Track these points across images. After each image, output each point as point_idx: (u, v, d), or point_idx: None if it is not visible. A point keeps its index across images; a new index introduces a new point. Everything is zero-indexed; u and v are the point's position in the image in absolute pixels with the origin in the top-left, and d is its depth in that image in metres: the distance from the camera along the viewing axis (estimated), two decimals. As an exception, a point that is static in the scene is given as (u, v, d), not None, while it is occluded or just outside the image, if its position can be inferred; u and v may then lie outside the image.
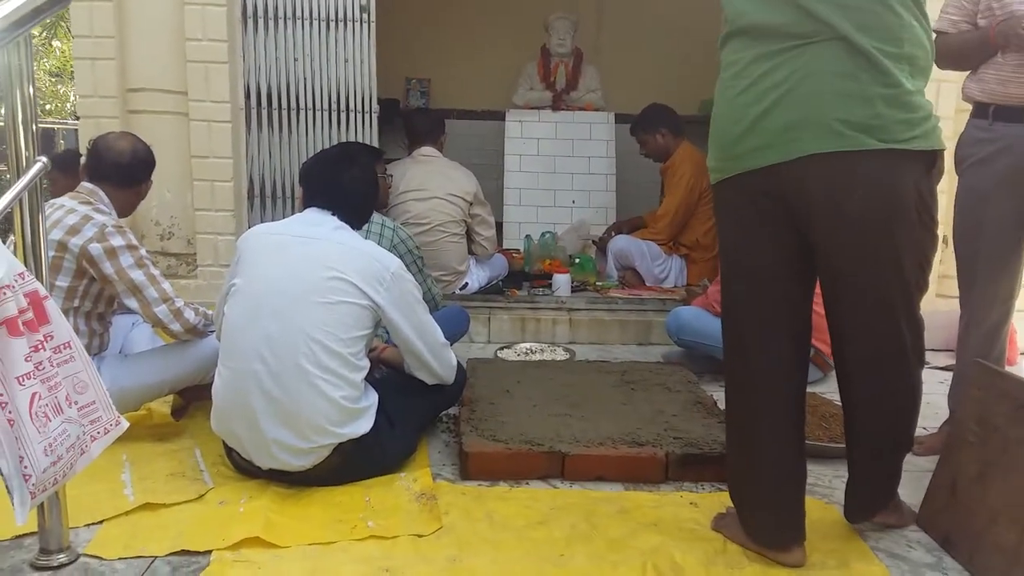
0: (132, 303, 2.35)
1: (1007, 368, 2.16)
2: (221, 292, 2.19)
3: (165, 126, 3.35)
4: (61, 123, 7.51)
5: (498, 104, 5.76)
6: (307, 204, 2.23)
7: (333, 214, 2.17)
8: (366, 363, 2.09)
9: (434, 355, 2.20)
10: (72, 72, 7.53)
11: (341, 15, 3.39)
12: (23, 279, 1.39)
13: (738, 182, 1.59)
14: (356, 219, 2.25)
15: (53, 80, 7.09)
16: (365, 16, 3.39)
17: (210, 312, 2.51)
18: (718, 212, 1.69)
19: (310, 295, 1.99)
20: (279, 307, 1.99)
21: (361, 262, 2.07)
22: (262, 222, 3.57)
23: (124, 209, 2.51)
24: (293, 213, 3.50)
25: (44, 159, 1.48)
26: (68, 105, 7.75)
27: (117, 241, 2.31)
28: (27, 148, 1.47)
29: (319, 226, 2.14)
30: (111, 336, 2.54)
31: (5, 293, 1.32)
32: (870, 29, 1.45)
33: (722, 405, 1.89)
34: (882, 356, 1.58)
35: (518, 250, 4.71)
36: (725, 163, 1.60)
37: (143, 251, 2.38)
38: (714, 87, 1.67)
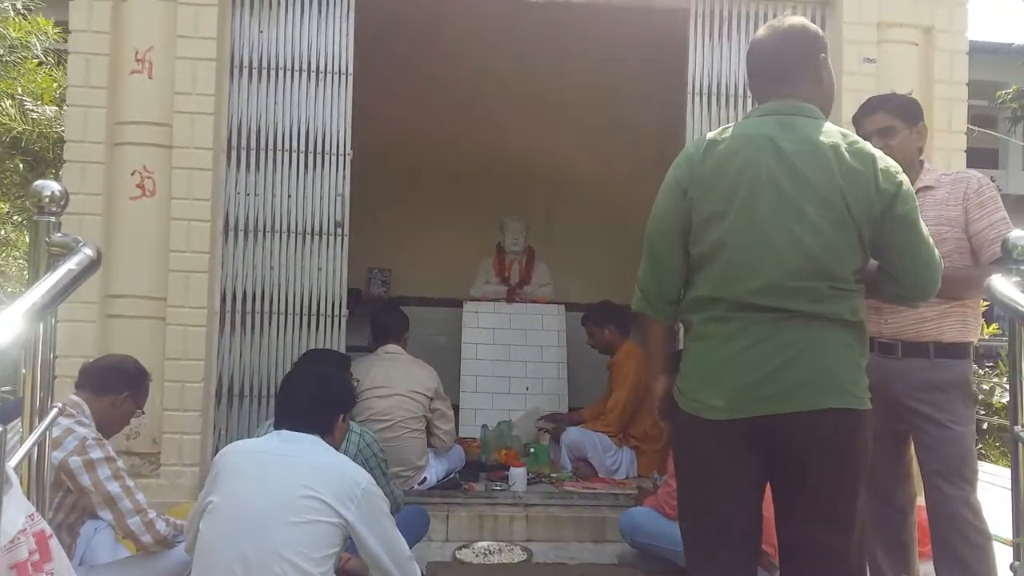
0: (106, 515, 2.41)
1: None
2: (196, 507, 2.26)
3: (142, 330, 3.51)
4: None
5: (455, 293, 6.08)
6: (279, 425, 2.37)
7: (307, 432, 2.32)
8: (335, 580, 2.17)
9: (400, 569, 2.28)
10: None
11: (317, 229, 3.69)
12: (33, 520, 1.50)
13: (732, 425, 1.82)
14: (329, 430, 2.40)
15: (22, 264, 7.29)
16: (339, 230, 3.70)
17: (180, 522, 2.57)
18: (687, 442, 1.93)
19: (284, 515, 2.09)
20: (254, 527, 2.08)
21: (333, 479, 2.19)
22: (228, 421, 3.72)
23: (104, 424, 2.61)
24: (260, 413, 3.71)
25: (59, 405, 1.63)
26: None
27: (96, 453, 2.41)
28: (44, 392, 1.62)
29: (296, 443, 2.27)
30: (73, 543, 2.57)
31: (19, 538, 1.42)
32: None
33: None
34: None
35: (475, 439, 4.84)
36: (736, 404, 1.82)
37: (120, 463, 2.48)
38: None
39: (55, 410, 1.62)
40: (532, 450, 4.62)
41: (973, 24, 3.75)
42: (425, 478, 4.00)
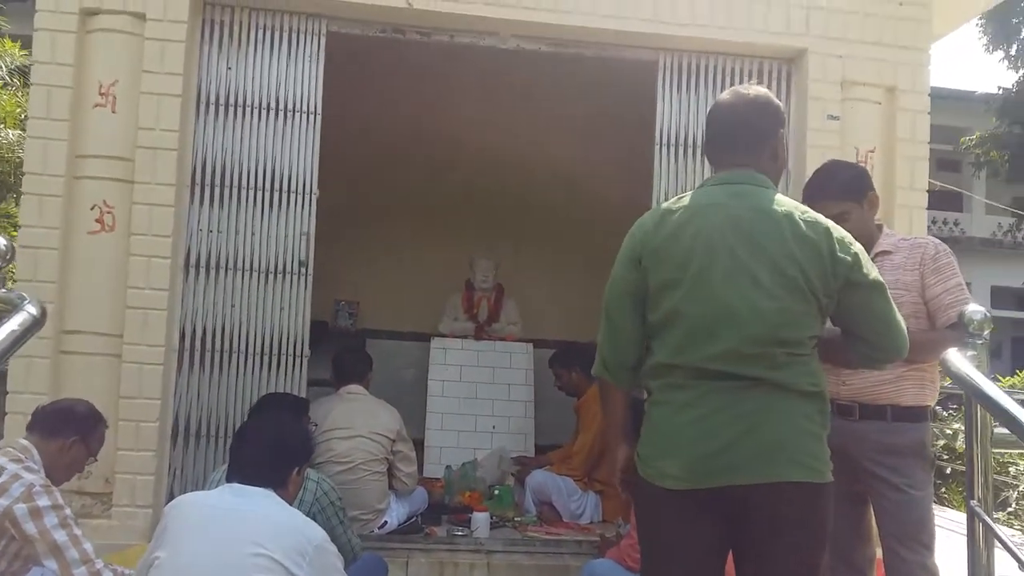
0: (51, 564, 2.33)
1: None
2: (143, 561, 2.19)
3: (97, 367, 3.42)
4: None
5: (423, 327, 6.05)
6: (231, 478, 2.31)
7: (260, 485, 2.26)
8: (284, 642, 2.10)
9: (352, 629, 2.23)
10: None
11: (280, 268, 3.64)
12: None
13: (690, 495, 1.80)
14: (283, 484, 2.34)
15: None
16: (303, 270, 3.65)
17: (128, 572, 2.49)
18: (646, 510, 1.91)
19: (232, 573, 2.03)
20: (201, 586, 2.02)
21: (284, 536, 2.12)
22: (184, 461, 3.63)
23: (53, 470, 2.52)
24: (217, 454, 3.62)
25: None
26: None
27: (43, 501, 2.33)
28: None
29: (247, 496, 2.21)
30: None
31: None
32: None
33: None
34: None
35: (438, 478, 4.78)
36: (691, 475, 1.80)
37: (68, 511, 2.40)
38: None
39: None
40: (496, 492, 4.57)
41: (937, 70, 3.84)
42: (386, 522, 3.93)
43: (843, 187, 2.50)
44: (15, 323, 1.48)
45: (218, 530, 2.12)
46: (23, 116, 5.51)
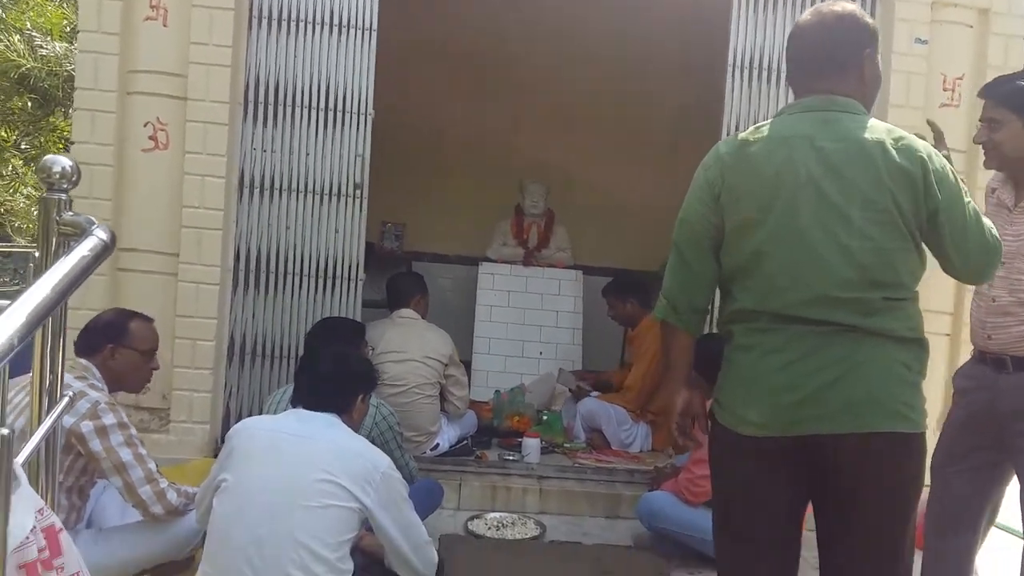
0: (116, 481, 2.35)
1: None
2: (208, 482, 2.21)
3: (153, 285, 3.42)
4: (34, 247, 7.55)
5: (470, 250, 5.98)
6: (296, 402, 2.30)
7: (325, 411, 2.25)
8: (350, 565, 2.11)
9: (417, 554, 2.24)
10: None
11: (336, 190, 3.57)
12: (42, 515, 1.43)
13: (771, 442, 1.72)
14: (348, 410, 2.33)
15: (28, 202, 7.19)
16: (359, 192, 3.57)
17: (191, 491, 2.52)
18: (723, 457, 1.83)
19: (300, 499, 2.03)
20: (269, 510, 2.02)
21: (352, 463, 2.12)
22: (239, 381, 3.66)
23: (113, 381, 2.52)
24: (272, 374, 3.65)
25: (70, 394, 1.55)
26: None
27: (109, 419, 2.33)
28: (53, 376, 1.53)
29: (312, 423, 2.20)
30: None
31: (28, 539, 1.36)
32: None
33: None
34: None
35: (486, 402, 4.79)
36: (774, 423, 1.71)
37: (132, 429, 2.40)
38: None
39: (66, 399, 1.53)
40: (545, 417, 4.57)
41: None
42: (437, 444, 3.96)
43: (1008, 94, 2.22)
44: (85, 248, 1.42)
45: (285, 455, 2.11)
46: (69, 28, 5.41)
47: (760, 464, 1.75)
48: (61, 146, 6.53)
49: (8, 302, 1.26)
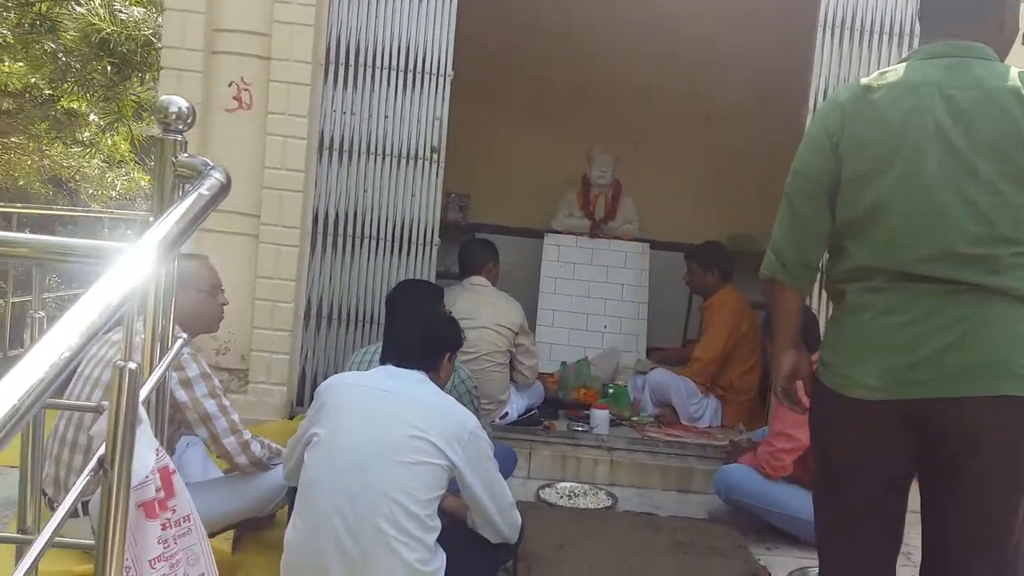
0: (201, 432, 2.38)
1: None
2: (297, 436, 2.22)
3: (235, 245, 3.46)
4: (107, 212, 7.81)
5: (533, 222, 5.93)
6: (385, 359, 2.30)
7: (414, 368, 2.24)
8: (438, 523, 2.11)
9: (502, 515, 2.23)
10: (119, 160, 7.84)
11: (413, 154, 3.56)
12: (158, 456, 1.44)
13: (883, 406, 1.65)
14: (435, 368, 2.32)
15: (103, 166, 7.38)
16: (436, 156, 3.55)
17: (275, 445, 2.54)
18: (828, 421, 1.77)
19: (392, 454, 2.04)
20: (361, 464, 2.03)
21: (441, 421, 2.12)
22: (315, 343, 3.69)
23: (188, 322, 2.50)
24: (347, 337, 3.67)
25: (184, 335, 1.56)
26: (113, 192, 8.07)
27: (192, 370, 2.35)
28: (166, 320, 1.54)
29: (401, 380, 2.20)
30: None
31: (148, 477, 1.37)
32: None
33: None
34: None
35: (551, 374, 4.76)
36: (888, 386, 1.65)
37: (215, 380, 2.42)
38: (739, 222, 1.78)
39: (180, 340, 1.54)
40: (611, 391, 4.53)
41: None
42: (506, 413, 3.95)
43: None
44: (203, 188, 1.42)
45: (377, 410, 2.12)
46: (145, -6, 5.50)
47: (868, 429, 1.69)
48: (132, 113, 6.65)
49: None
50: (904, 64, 1.73)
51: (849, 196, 1.70)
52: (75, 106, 6.82)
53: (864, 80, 1.75)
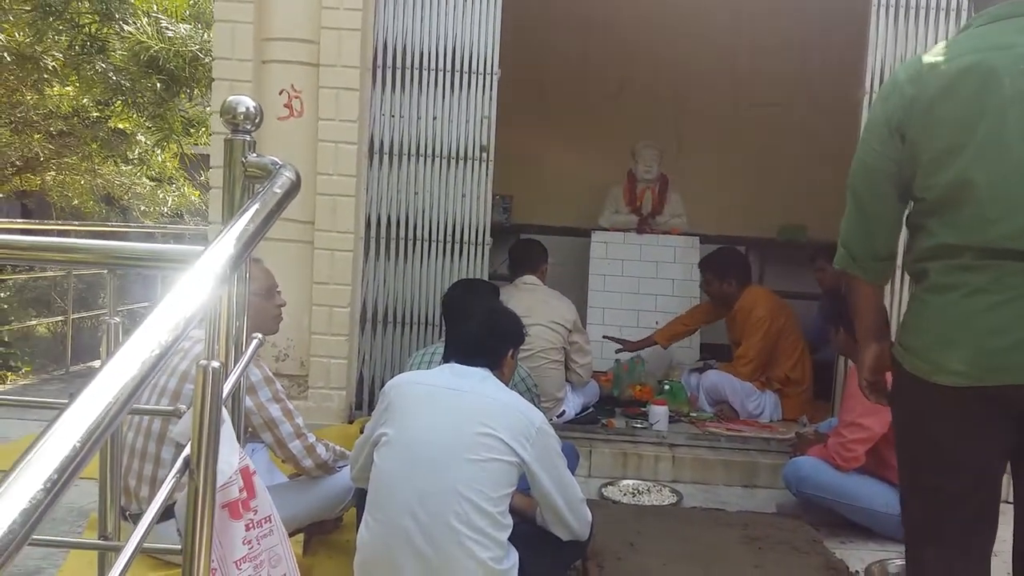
0: (267, 437, 2.38)
1: None
2: (364, 437, 2.22)
3: (290, 253, 3.49)
4: (160, 228, 8.00)
5: (577, 221, 5.89)
6: (448, 357, 2.29)
7: (478, 366, 2.22)
8: (510, 521, 2.09)
9: (572, 512, 2.20)
10: (169, 177, 8.02)
11: (462, 154, 3.56)
12: (240, 456, 1.44)
13: (973, 393, 1.57)
14: (499, 365, 2.30)
15: (153, 184, 7.55)
16: (485, 155, 3.55)
17: (339, 448, 2.54)
18: (912, 409, 1.69)
19: (462, 451, 2.02)
20: (432, 462, 2.01)
21: (509, 417, 2.09)
22: (372, 347, 3.70)
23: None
24: (404, 340, 3.68)
25: (259, 336, 1.56)
26: (164, 208, 8.26)
27: (255, 375, 2.36)
28: (240, 320, 1.54)
29: (466, 377, 2.18)
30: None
31: (232, 478, 1.37)
32: None
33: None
34: None
35: (605, 372, 4.72)
36: (978, 370, 1.56)
37: (278, 385, 2.43)
38: (789, 212, 1.70)
39: (256, 340, 1.54)
40: (667, 387, 4.46)
41: None
42: (563, 411, 3.92)
43: None
44: (276, 186, 1.42)
45: (444, 408, 2.10)
46: (190, 10, 5.59)
47: (956, 417, 1.60)
48: (181, 128, 6.77)
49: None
50: (967, 32, 1.64)
51: (928, 178, 1.61)
52: (123, 126, 7.00)
53: (925, 57, 1.65)
